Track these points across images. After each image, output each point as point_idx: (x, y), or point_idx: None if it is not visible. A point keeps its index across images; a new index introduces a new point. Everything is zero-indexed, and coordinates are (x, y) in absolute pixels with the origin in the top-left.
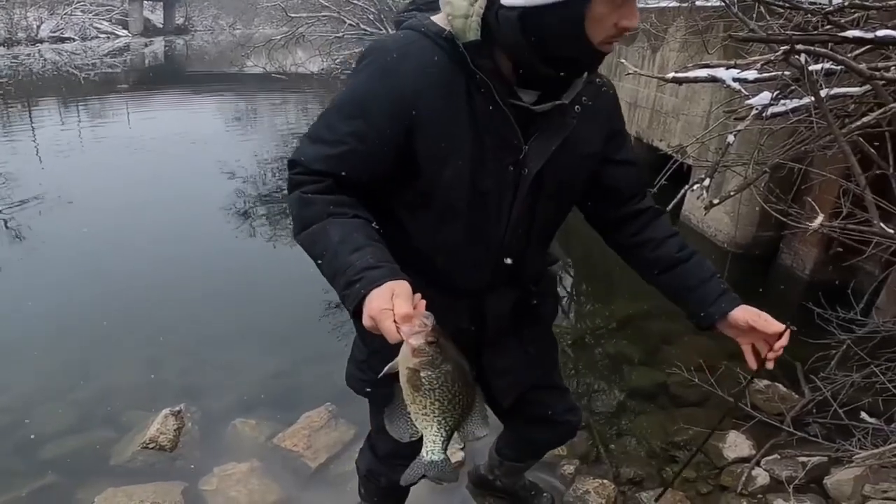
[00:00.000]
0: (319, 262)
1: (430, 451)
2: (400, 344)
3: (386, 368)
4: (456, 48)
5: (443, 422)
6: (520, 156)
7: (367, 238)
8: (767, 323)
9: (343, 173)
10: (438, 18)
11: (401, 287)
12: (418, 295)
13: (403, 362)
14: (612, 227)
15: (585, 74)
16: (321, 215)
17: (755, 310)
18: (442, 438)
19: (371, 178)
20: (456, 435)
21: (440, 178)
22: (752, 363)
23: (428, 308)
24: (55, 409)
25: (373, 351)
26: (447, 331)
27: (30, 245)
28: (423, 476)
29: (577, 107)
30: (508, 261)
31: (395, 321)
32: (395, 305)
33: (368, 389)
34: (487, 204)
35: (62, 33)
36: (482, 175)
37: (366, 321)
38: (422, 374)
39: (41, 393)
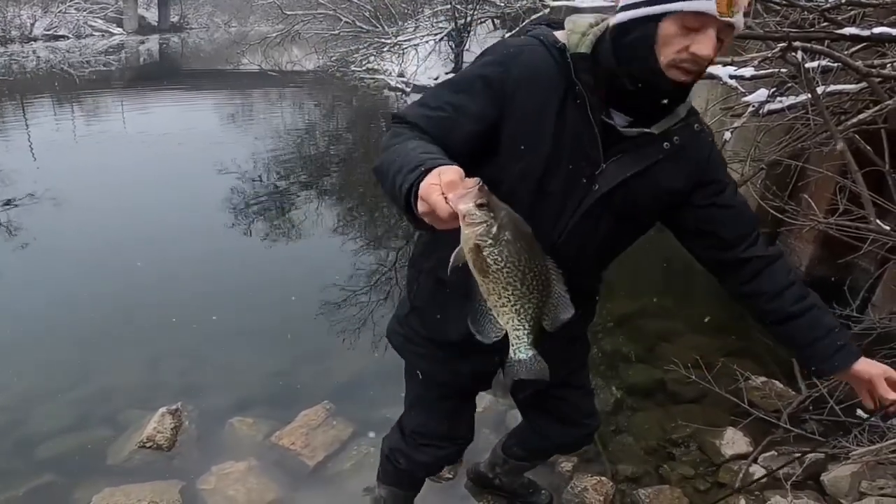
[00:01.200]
0: (389, 171)
1: (516, 348)
2: (454, 239)
3: (453, 259)
4: (565, 59)
5: (521, 310)
6: (596, 171)
7: (442, 153)
8: (889, 380)
9: (434, 133)
10: (560, 34)
11: (449, 167)
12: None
13: (465, 244)
14: (722, 273)
15: (683, 114)
16: (406, 139)
17: (880, 367)
18: (525, 331)
19: (455, 149)
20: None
21: (512, 169)
22: (869, 403)
23: (466, 283)
24: (52, 408)
25: (413, 307)
26: None
27: (24, 243)
28: (518, 377)
29: (666, 143)
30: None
31: (442, 193)
32: (441, 179)
33: (402, 344)
34: (549, 205)
35: (56, 31)
36: (551, 177)
37: (420, 207)
38: (484, 252)
39: (38, 392)
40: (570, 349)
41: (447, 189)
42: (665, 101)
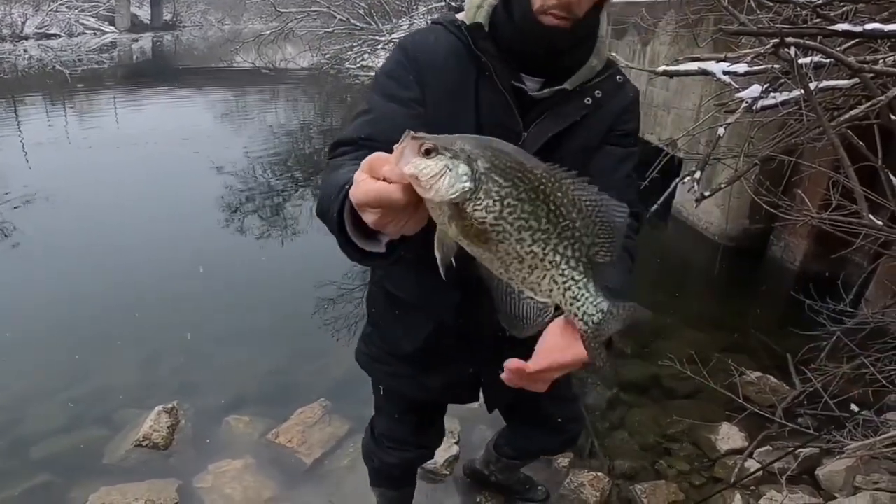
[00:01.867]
0: (326, 213)
1: (584, 307)
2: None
3: (440, 254)
4: (464, 33)
5: (560, 255)
6: (519, 141)
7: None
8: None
9: (375, 135)
10: (460, 14)
11: (370, 155)
12: None
13: (440, 218)
14: None
15: (599, 67)
16: (334, 169)
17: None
18: (582, 278)
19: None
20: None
21: None
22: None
23: (415, 292)
24: (47, 407)
25: (373, 324)
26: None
27: (18, 243)
28: (610, 340)
29: (587, 99)
30: None
31: (376, 177)
32: (366, 169)
33: (368, 363)
34: None
35: (48, 30)
36: None
37: (369, 218)
38: (468, 208)
39: (33, 391)
40: None
41: (376, 170)
42: (562, 53)
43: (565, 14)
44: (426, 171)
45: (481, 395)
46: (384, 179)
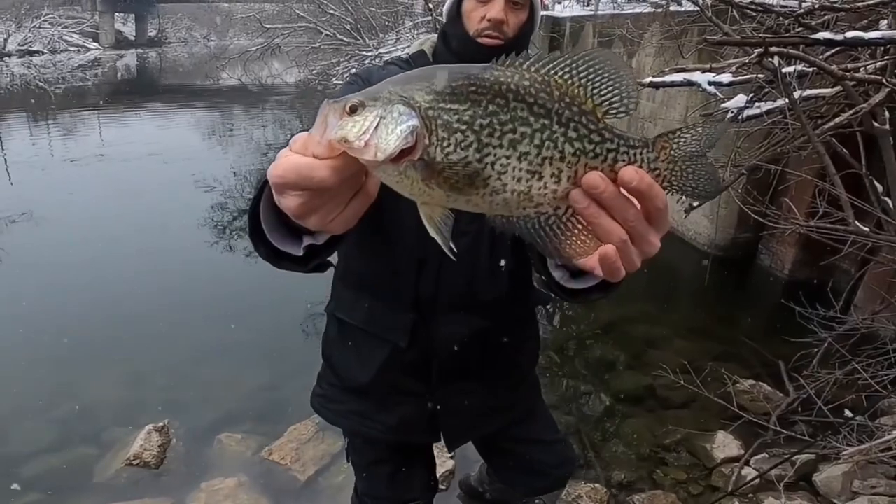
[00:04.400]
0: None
1: (643, 155)
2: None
3: (434, 230)
4: (407, 63)
5: (573, 145)
6: None
7: None
8: None
9: None
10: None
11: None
12: None
13: (415, 189)
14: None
15: None
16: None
17: None
18: (616, 141)
19: None
20: None
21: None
22: None
23: (367, 316)
24: (36, 426)
25: (325, 358)
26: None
27: (3, 262)
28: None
29: None
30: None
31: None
32: (288, 151)
33: (321, 405)
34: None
35: (30, 46)
36: None
37: (287, 202)
38: (429, 154)
39: (21, 410)
40: (510, 399)
41: (307, 149)
42: None
43: (498, 34)
44: (355, 128)
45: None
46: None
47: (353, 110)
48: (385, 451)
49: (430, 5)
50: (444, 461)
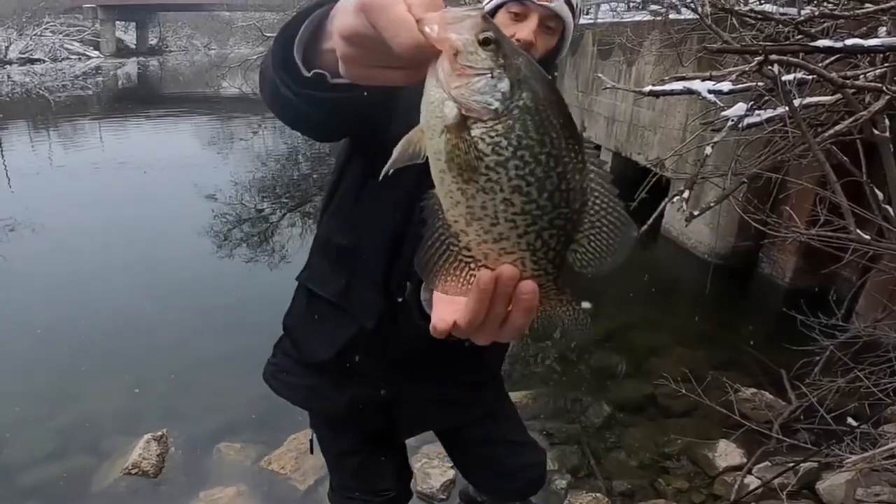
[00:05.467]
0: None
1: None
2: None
3: (398, 150)
4: None
5: (535, 240)
6: None
7: None
8: None
9: None
10: None
11: None
12: None
13: (436, 113)
14: None
15: None
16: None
17: None
18: (551, 271)
19: None
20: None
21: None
22: None
23: (341, 290)
24: (34, 434)
25: (285, 328)
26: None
27: (2, 271)
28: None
29: None
30: None
31: (409, 9)
32: None
33: (272, 374)
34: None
35: (32, 55)
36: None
37: (346, 25)
38: (476, 131)
39: (19, 418)
40: (473, 397)
41: (422, 4)
42: None
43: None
44: (469, 58)
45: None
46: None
47: (485, 42)
48: (349, 442)
49: None
50: (444, 471)
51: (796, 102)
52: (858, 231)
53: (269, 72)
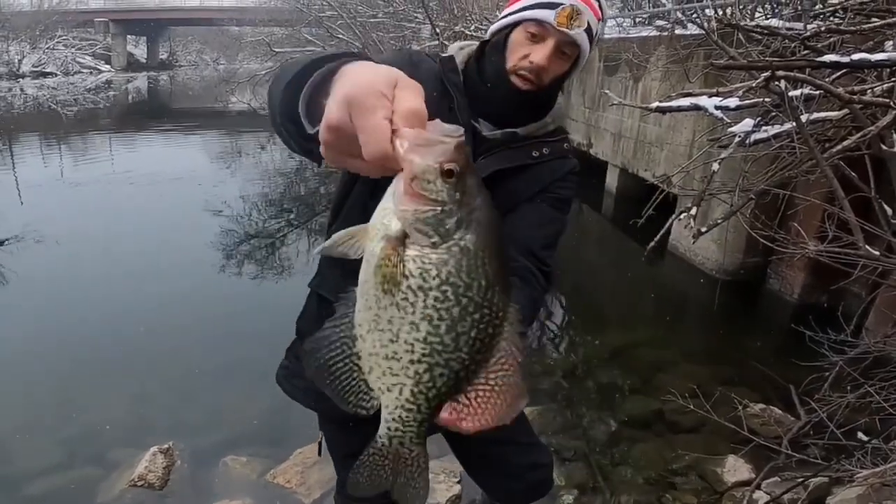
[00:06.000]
0: (290, 70)
1: (397, 436)
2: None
3: (335, 239)
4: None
5: (424, 375)
6: None
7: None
8: None
9: None
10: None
11: (414, 83)
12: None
13: (381, 222)
14: None
15: (551, 126)
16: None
17: None
18: (416, 412)
19: None
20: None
21: None
22: None
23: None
24: (41, 445)
25: (297, 333)
26: None
27: (12, 283)
28: (362, 489)
29: (535, 152)
30: None
31: (389, 118)
32: (396, 95)
33: (284, 379)
34: None
35: (44, 68)
36: None
37: (332, 115)
38: (412, 250)
39: (27, 430)
40: None
41: (405, 118)
42: (521, 111)
43: (533, 79)
44: (426, 185)
45: None
46: (393, 122)
47: (447, 174)
48: (357, 444)
49: (437, 30)
50: (450, 486)
51: (803, 118)
52: (867, 247)
53: (275, 110)
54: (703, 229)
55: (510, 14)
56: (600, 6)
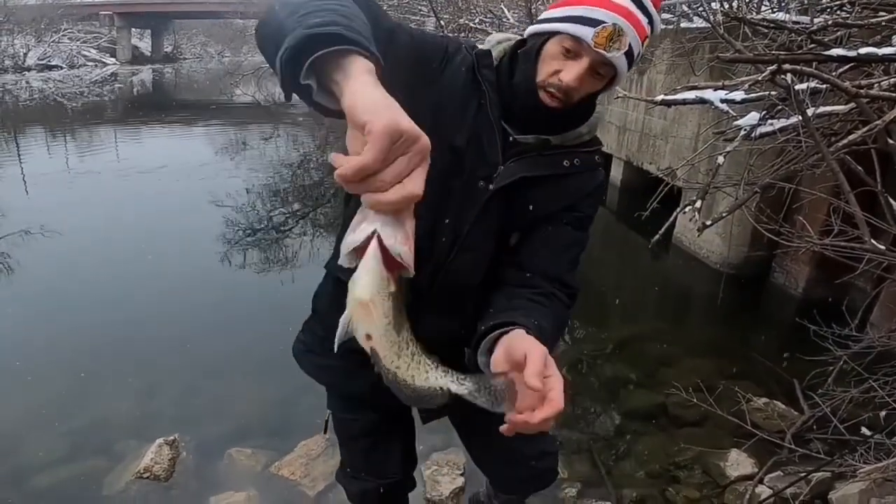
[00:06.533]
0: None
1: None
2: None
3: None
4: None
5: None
6: (494, 173)
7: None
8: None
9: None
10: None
11: (424, 140)
12: None
13: (379, 286)
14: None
15: (586, 137)
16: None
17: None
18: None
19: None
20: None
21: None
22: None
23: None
24: (47, 437)
25: (314, 310)
26: None
27: (17, 276)
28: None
29: (566, 162)
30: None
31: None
32: (409, 161)
33: (301, 353)
34: (451, 204)
35: (49, 61)
36: (453, 174)
37: (366, 162)
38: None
39: (33, 422)
40: None
41: (400, 199)
42: (546, 126)
43: (561, 97)
44: (364, 277)
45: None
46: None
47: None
48: (364, 425)
49: (442, 23)
50: (454, 478)
51: (809, 112)
52: (873, 241)
53: (271, 45)
54: (708, 223)
55: (549, 21)
56: (651, 21)
